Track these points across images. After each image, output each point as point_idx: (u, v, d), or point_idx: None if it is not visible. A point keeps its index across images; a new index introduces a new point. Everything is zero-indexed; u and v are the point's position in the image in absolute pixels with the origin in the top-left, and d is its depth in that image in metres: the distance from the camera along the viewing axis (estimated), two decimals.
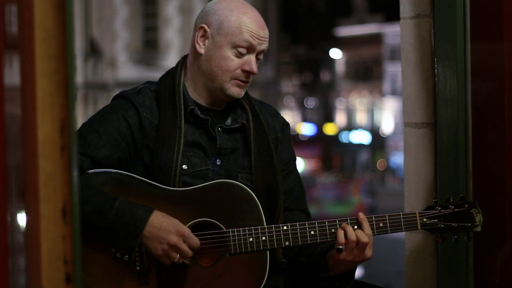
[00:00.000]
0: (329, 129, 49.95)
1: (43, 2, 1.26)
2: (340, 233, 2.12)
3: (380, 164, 43.16)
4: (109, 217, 2.06)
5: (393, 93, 42.28)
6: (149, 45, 27.35)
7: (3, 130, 1.29)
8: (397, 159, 38.41)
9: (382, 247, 17.45)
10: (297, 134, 49.48)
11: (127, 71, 26.46)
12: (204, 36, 2.24)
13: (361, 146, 45.72)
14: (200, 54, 2.25)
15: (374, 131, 45.63)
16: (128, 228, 2.05)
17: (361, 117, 48.20)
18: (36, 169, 1.26)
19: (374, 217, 2.15)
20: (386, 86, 44.19)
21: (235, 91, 2.23)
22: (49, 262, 1.27)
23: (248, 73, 2.23)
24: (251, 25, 2.22)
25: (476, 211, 2.15)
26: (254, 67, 2.23)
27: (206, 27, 2.24)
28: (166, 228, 2.06)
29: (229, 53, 2.21)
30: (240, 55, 2.22)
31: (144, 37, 27.41)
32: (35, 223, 1.27)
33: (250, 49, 2.22)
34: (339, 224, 2.13)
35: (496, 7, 2.46)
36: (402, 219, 2.15)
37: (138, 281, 2.11)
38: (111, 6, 27.24)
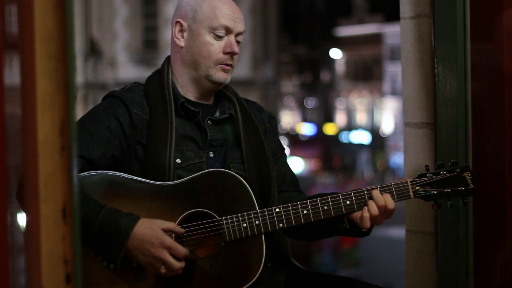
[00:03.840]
0: (329, 129, 49.90)
1: (43, 2, 1.26)
2: (365, 216, 2.12)
3: (380, 164, 43.13)
4: (94, 226, 2.05)
5: (393, 93, 42.25)
6: (149, 45, 27.32)
7: (3, 130, 1.29)
8: (397, 159, 38.39)
9: (382, 247, 17.45)
10: (297, 134, 49.45)
11: (127, 71, 26.43)
12: (181, 30, 2.30)
13: (361, 146, 45.68)
14: (181, 47, 2.30)
15: (374, 131, 45.60)
16: (112, 239, 2.05)
17: (361, 117, 48.16)
18: (36, 169, 1.26)
19: (366, 189, 2.15)
20: (386, 86, 44.16)
21: (221, 76, 2.28)
22: (49, 262, 1.27)
23: (230, 55, 2.28)
24: (223, 7, 2.28)
25: (469, 174, 2.13)
26: (235, 48, 2.28)
27: (181, 20, 2.30)
28: (149, 240, 2.05)
29: (208, 38, 2.27)
30: (218, 38, 2.27)
31: (144, 37, 27.39)
32: (35, 223, 1.27)
33: (228, 30, 2.27)
34: (331, 200, 2.13)
35: (496, 7, 2.46)
36: (394, 189, 2.15)
37: (136, 277, 2.11)
38: (111, 6, 27.22)
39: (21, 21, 1.29)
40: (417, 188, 2.14)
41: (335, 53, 48.29)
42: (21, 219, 1.38)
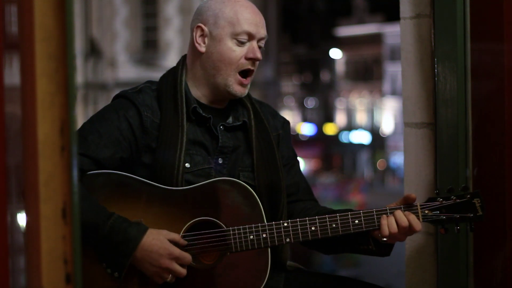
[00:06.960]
0: (329, 129, 49.89)
1: (43, 2, 1.26)
2: (383, 224, 2.11)
3: (380, 164, 43.12)
4: (102, 234, 2.03)
5: (393, 93, 42.25)
6: (149, 45, 27.32)
7: (3, 130, 1.29)
8: (397, 159, 38.38)
9: None
10: (297, 134, 49.42)
11: (127, 71, 26.43)
12: (203, 35, 2.25)
13: (361, 146, 45.68)
14: (202, 53, 2.25)
15: (374, 131, 45.59)
16: (120, 247, 2.04)
17: (361, 117, 48.15)
18: (36, 169, 1.26)
19: (375, 210, 2.14)
20: (386, 86, 44.15)
21: (238, 89, 2.24)
22: (49, 262, 1.27)
23: (252, 60, 2.24)
24: (246, 12, 2.24)
25: (479, 201, 2.12)
26: (258, 54, 2.24)
27: (202, 25, 2.25)
28: (157, 251, 2.05)
29: (230, 44, 2.23)
30: (241, 44, 2.23)
31: (144, 37, 27.38)
32: (35, 223, 1.27)
33: (250, 36, 2.23)
34: (340, 219, 2.12)
35: (496, 7, 2.46)
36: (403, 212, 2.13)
37: (138, 282, 2.10)
38: (111, 6, 27.22)
39: (21, 21, 1.29)
40: (426, 212, 2.13)
41: (335, 53, 48.29)
42: (21, 219, 1.38)
